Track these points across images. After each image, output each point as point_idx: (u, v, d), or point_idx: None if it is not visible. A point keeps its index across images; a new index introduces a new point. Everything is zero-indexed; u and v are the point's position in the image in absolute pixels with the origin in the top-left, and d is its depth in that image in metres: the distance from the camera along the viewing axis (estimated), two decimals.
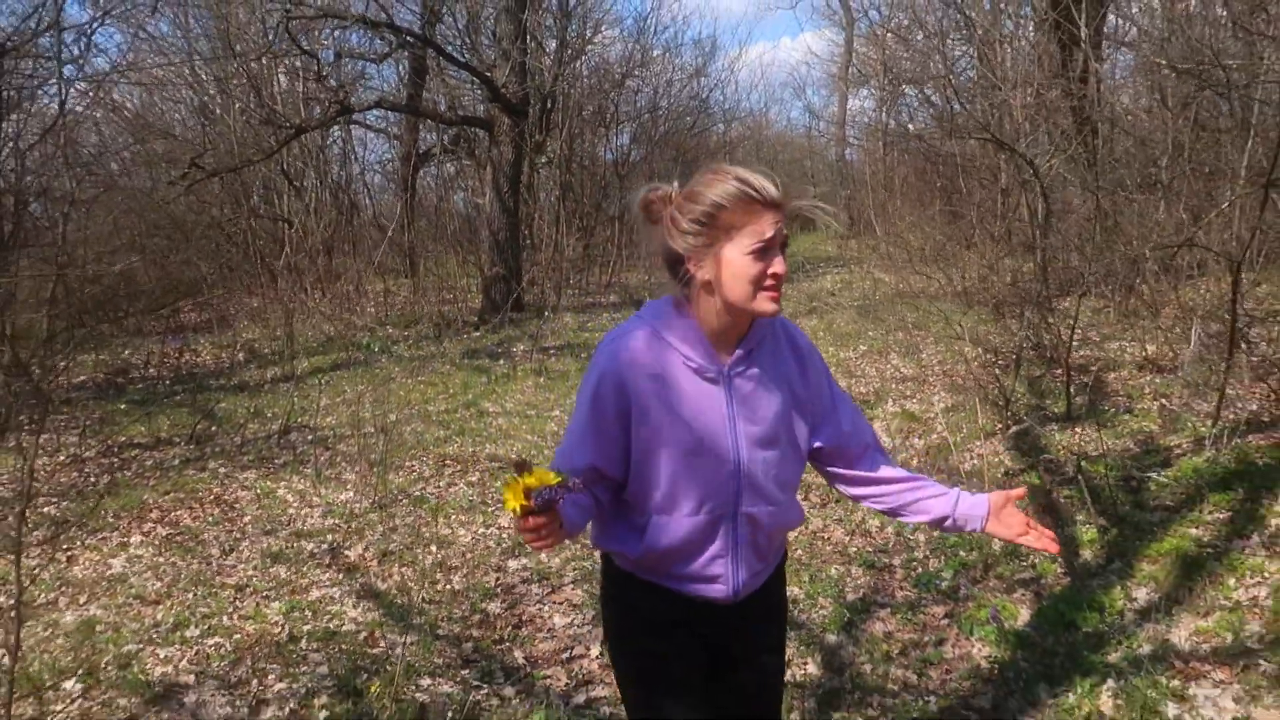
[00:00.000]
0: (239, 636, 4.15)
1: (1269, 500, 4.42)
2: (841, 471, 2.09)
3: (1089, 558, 4.35)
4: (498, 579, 4.73)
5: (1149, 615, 3.78)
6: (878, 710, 3.41)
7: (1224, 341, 5.46)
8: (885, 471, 2.08)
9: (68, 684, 3.72)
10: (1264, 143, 6.42)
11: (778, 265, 1.82)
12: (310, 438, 7.58)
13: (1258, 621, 3.62)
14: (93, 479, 6.73)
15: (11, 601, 4.42)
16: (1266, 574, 3.88)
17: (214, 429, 8.01)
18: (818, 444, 2.05)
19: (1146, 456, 5.27)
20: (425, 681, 3.72)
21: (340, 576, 4.80)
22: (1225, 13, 8.66)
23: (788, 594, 2.27)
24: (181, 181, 12.72)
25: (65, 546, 5.25)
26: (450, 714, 3.48)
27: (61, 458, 7.21)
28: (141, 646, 4.05)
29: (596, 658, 3.90)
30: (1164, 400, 6.18)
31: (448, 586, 4.66)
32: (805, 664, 3.76)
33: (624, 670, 2.12)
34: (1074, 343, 8.15)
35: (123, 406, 9.05)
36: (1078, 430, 5.80)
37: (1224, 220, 6.62)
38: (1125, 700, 3.28)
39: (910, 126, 18.98)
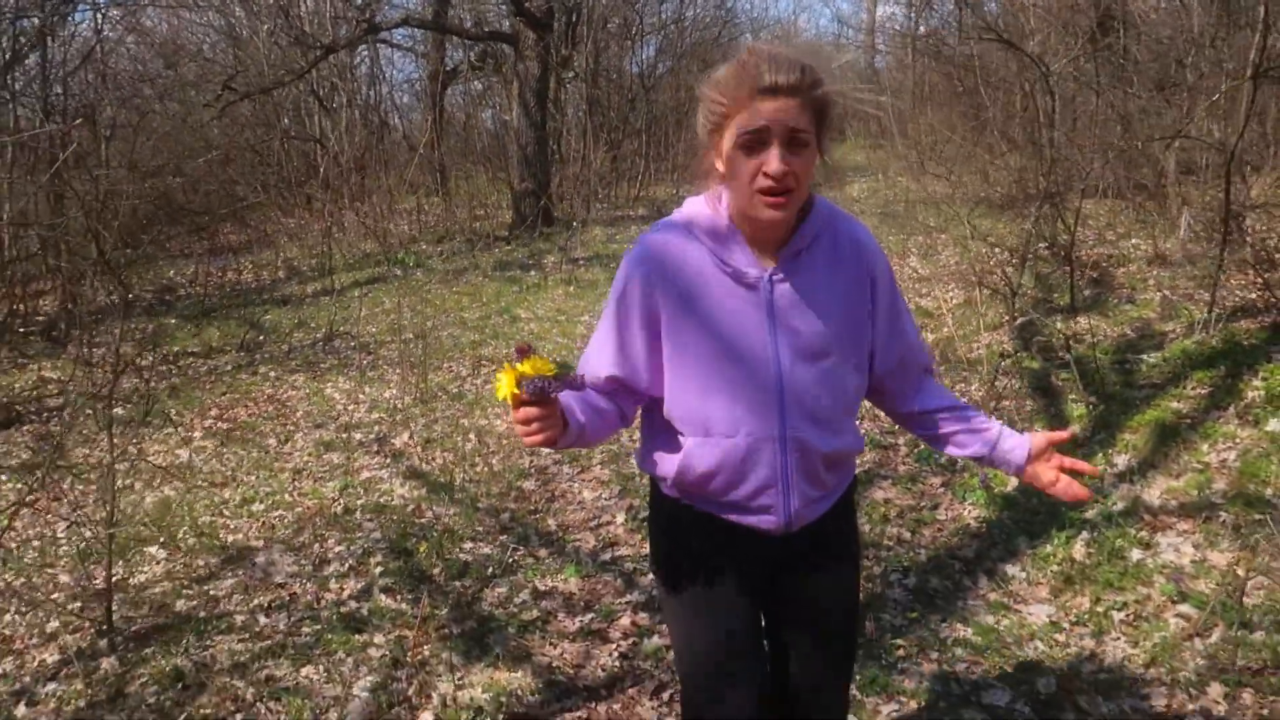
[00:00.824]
0: (300, 510, 4.62)
1: (1249, 376, 4.71)
2: (891, 395, 1.91)
3: (1077, 431, 4.68)
4: (532, 461, 5.14)
5: (1126, 478, 4.13)
6: (873, 561, 3.80)
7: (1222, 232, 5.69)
8: (934, 399, 1.89)
9: (152, 549, 4.20)
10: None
11: (771, 162, 1.58)
12: (352, 344, 8.01)
13: (1224, 480, 3.95)
14: (152, 384, 7.19)
15: (94, 488, 4.90)
16: (1237, 439, 4.20)
17: (262, 338, 8.46)
18: (876, 363, 1.85)
19: (1141, 341, 5.56)
20: (468, 544, 4.16)
21: (388, 461, 5.24)
22: None
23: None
24: (215, 104, 13.05)
25: (135, 440, 5.72)
26: (490, 570, 3.91)
27: (121, 367, 7.67)
28: (213, 519, 4.53)
29: (622, 524, 4.30)
30: (1166, 291, 6.43)
31: (486, 468, 5.08)
32: None
33: (667, 602, 1.96)
34: (1090, 242, 8.39)
35: (173, 321, 9.52)
36: (1078, 320, 6.08)
37: (1227, 114, 6.75)
38: (1096, 548, 3.64)
39: (922, 28, 18.83)
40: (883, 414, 2.03)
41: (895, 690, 2.96)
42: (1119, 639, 3.13)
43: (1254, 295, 5.94)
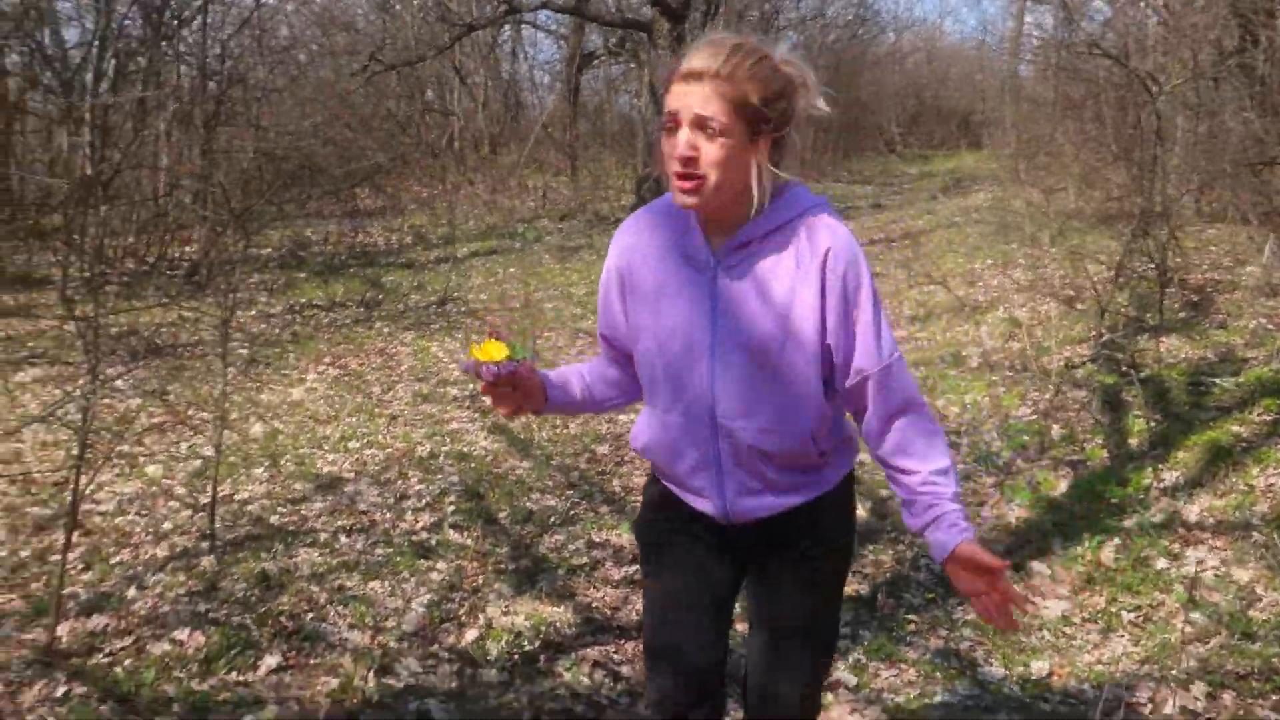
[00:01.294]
0: (390, 450, 5.06)
1: None
2: (863, 425, 1.79)
3: (1134, 445, 4.78)
4: (609, 428, 5.48)
5: (1170, 493, 4.23)
6: (906, 545, 4.01)
7: None
8: (896, 454, 1.75)
9: (257, 470, 4.70)
10: None
11: (680, 146, 1.61)
12: (463, 309, 8.49)
13: (1266, 503, 4.02)
14: (277, 330, 7.80)
15: (213, 418, 5.43)
16: None
17: (381, 297, 9.04)
18: (837, 379, 1.76)
19: (1220, 365, 5.57)
20: (536, 495, 4.52)
21: (476, 415, 5.66)
22: None
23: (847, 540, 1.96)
24: (362, 73, 13.78)
25: (256, 378, 6.28)
26: (552, 519, 4.26)
27: (253, 312, 8.33)
28: (313, 451, 5.01)
29: None
30: (1262, 319, 6.38)
31: (566, 431, 5.43)
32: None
33: (641, 565, 2.07)
34: (1204, 266, 8.28)
35: (303, 275, 10.20)
36: (1163, 340, 6.10)
37: None
38: (1124, 554, 3.78)
39: (1036, 38, 18.45)
40: (951, 415, 1.82)
41: (898, 658, 3.19)
42: (1123, 636, 3.28)
43: None
